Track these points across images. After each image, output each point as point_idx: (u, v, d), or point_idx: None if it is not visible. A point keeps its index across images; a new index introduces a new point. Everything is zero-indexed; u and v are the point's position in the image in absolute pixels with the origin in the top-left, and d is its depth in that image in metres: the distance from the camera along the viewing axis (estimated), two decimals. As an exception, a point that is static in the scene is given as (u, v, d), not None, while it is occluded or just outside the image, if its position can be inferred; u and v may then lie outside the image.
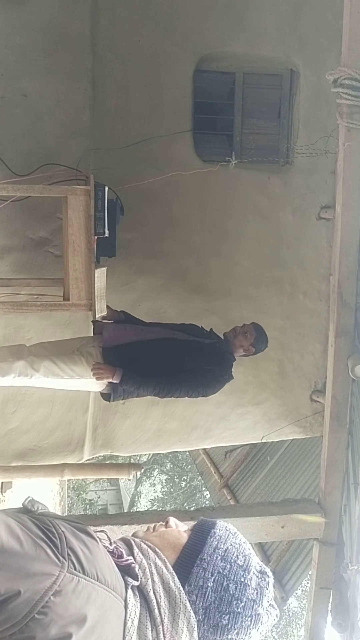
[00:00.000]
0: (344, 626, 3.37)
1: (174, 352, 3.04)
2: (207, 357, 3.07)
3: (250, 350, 3.21)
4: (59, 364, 2.92)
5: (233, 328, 3.25)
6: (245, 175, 3.83)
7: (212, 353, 3.10)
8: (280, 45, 3.78)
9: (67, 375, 2.94)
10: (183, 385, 2.99)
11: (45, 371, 2.90)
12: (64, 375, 2.93)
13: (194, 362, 3.04)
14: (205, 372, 3.04)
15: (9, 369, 2.86)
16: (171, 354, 3.03)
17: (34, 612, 0.79)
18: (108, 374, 2.91)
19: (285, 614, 11.31)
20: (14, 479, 4.38)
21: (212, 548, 1.00)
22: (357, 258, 3.06)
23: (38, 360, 2.91)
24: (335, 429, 3.35)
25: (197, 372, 3.03)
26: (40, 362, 2.90)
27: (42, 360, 2.92)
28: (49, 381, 2.97)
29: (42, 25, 3.40)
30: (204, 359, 3.06)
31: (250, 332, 3.19)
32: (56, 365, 2.92)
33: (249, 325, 3.24)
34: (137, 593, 0.93)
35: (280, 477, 5.42)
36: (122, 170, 3.50)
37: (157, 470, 14.90)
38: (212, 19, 3.67)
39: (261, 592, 0.98)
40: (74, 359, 2.96)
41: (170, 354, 3.03)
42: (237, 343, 3.18)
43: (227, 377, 3.13)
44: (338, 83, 2.64)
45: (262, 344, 3.24)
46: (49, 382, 2.98)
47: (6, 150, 3.36)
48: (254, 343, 3.19)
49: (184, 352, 3.05)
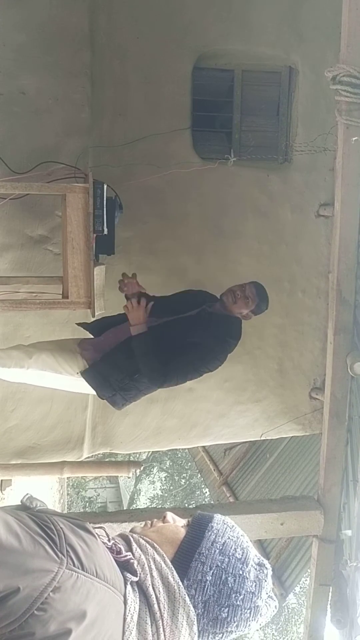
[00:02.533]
0: (343, 623, 3.38)
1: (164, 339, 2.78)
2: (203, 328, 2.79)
3: (249, 316, 2.87)
4: (58, 359, 2.84)
5: (231, 290, 2.85)
6: (244, 172, 3.83)
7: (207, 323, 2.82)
8: (279, 42, 3.78)
9: (66, 372, 2.86)
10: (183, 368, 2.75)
11: (43, 364, 2.80)
12: (63, 372, 2.85)
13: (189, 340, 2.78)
14: (203, 348, 2.77)
15: (6, 358, 2.78)
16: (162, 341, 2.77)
17: (34, 609, 0.80)
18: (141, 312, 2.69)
19: (284, 610, 11.34)
20: (13, 476, 4.38)
21: (210, 542, 1.01)
22: (356, 255, 3.06)
23: (37, 352, 2.83)
24: (334, 426, 3.36)
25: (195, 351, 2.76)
26: (39, 354, 2.81)
27: (40, 352, 2.84)
28: (46, 377, 2.88)
29: (40, 22, 3.39)
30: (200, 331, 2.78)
31: (252, 298, 2.81)
32: (55, 359, 2.83)
33: (249, 286, 2.85)
34: (136, 588, 0.93)
35: (279, 474, 5.43)
36: (120, 167, 3.50)
37: (156, 468, 14.92)
38: (211, 16, 3.66)
39: (260, 584, 0.98)
40: (74, 357, 2.89)
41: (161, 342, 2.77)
42: (235, 310, 2.82)
43: (232, 340, 2.82)
44: (337, 80, 2.63)
45: (263, 307, 2.89)
46: (46, 378, 2.89)
47: (5, 148, 3.36)
48: (254, 309, 2.85)
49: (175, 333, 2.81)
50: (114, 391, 2.88)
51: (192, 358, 2.78)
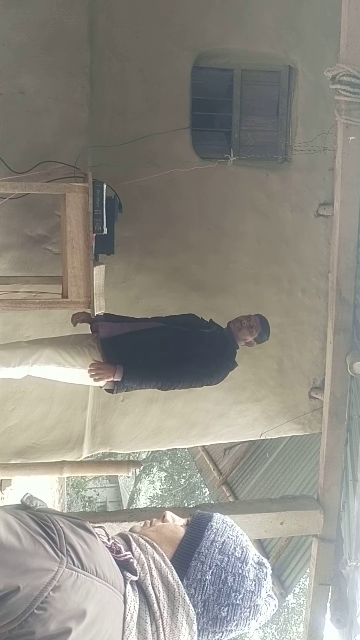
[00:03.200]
0: (342, 622, 3.38)
1: (173, 342, 2.99)
2: (208, 345, 3.01)
3: (252, 344, 3.16)
4: (61, 353, 2.88)
5: (238, 319, 3.16)
6: (244, 172, 3.83)
7: (213, 341, 3.04)
8: (278, 42, 3.78)
9: (69, 365, 2.89)
10: (185, 375, 2.93)
11: (46, 359, 2.85)
12: (66, 365, 2.89)
13: (195, 351, 2.98)
14: (207, 360, 2.98)
15: (10, 357, 2.82)
16: (171, 343, 2.98)
17: (33, 608, 0.79)
18: (109, 373, 2.84)
19: (284, 610, 11.35)
20: (13, 476, 4.39)
21: (209, 541, 1.00)
22: (355, 255, 3.07)
23: (40, 348, 2.88)
24: (333, 426, 3.36)
25: (199, 361, 2.96)
26: (42, 350, 2.86)
27: (44, 347, 2.88)
28: (50, 370, 2.92)
29: (40, 22, 3.39)
30: (205, 347, 3.00)
31: (255, 327, 3.12)
32: (58, 353, 2.88)
33: (254, 317, 3.16)
34: (136, 588, 0.93)
35: (279, 473, 5.43)
36: (120, 167, 3.50)
37: (156, 468, 14.92)
38: (210, 15, 3.66)
39: (259, 583, 0.98)
40: (76, 349, 2.93)
41: (169, 344, 2.98)
42: (241, 336, 3.11)
43: (231, 364, 3.07)
44: (336, 80, 2.64)
45: (265, 337, 3.19)
46: (50, 371, 2.93)
47: (4, 148, 3.36)
48: (257, 338, 3.15)
49: (184, 341, 3.00)
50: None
51: (197, 366, 2.96)
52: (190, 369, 2.94)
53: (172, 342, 2.99)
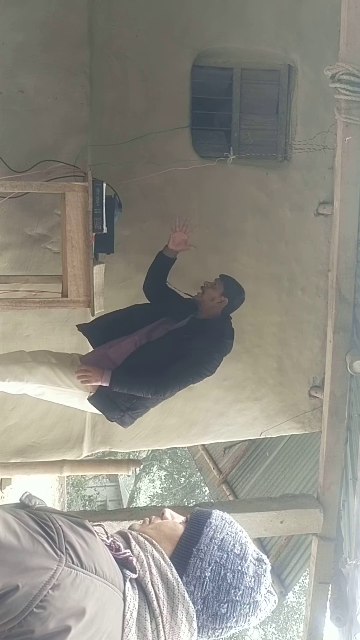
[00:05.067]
0: (342, 620, 3.38)
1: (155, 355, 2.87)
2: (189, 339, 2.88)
3: (223, 301, 3.00)
4: (57, 373, 2.84)
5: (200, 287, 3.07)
6: (243, 171, 3.83)
7: (193, 332, 2.91)
8: (278, 40, 3.78)
9: (65, 385, 2.85)
10: (180, 375, 2.85)
11: (42, 378, 2.81)
12: (62, 385, 2.84)
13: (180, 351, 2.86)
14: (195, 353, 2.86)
15: (4, 371, 2.78)
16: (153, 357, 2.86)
17: (33, 606, 0.80)
18: (96, 376, 2.75)
19: (284, 609, 11.37)
20: (13, 475, 4.39)
21: (208, 538, 1.01)
22: (355, 254, 3.06)
23: (36, 366, 2.82)
24: (333, 425, 3.36)
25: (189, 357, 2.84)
26: (38, 368, 2.81)
27: (40, 365, 2.83)
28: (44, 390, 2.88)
29: (39, 21, 3.39)
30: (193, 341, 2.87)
31: (217, 283, 3.02)
32: (55, 373, 2.83)
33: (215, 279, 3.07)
34: (136, 585, 0.93)
35: (279, 472, 5.44)
36: (120, 166, 3.50)
37: (156, 467, 14.94)
38: (210, 14, 3.66)
39: (259, 579, 0.99)
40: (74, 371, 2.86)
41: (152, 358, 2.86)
42: (207, 298, 3.00)
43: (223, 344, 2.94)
44: (336, 78, 2.63)
45: (235, 293, 3.05)
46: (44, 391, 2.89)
47: (4, 147, 3.35)
48: (225, 292, 3.00)
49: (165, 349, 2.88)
50: (122, 412, 2.93)
51: (191, 362, 2.87)
52: (185, 366, 2.85)
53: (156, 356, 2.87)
